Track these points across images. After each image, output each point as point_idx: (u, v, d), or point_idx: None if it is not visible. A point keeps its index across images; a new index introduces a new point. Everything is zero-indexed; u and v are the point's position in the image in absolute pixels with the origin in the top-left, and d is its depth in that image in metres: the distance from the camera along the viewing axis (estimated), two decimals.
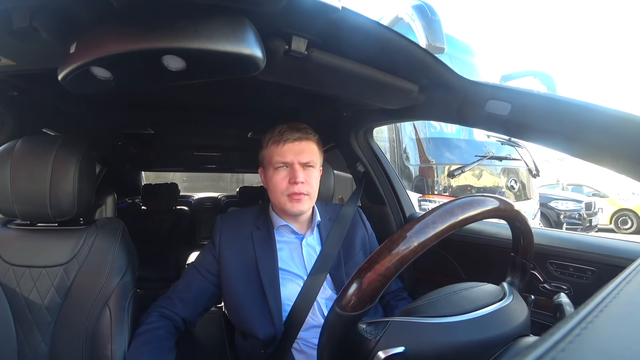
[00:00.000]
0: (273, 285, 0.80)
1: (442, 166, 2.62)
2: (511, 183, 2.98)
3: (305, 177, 0.80)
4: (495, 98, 0.73)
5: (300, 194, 0.79)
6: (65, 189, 0.78)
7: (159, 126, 1.55)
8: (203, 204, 3.22)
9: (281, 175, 0.81)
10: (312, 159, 0.82)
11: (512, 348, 0.43)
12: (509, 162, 2.94)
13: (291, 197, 0.80)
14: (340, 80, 0.77)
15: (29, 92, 0.92)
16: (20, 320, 0.78)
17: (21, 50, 0.61)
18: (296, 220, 0.88)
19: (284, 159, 0.80)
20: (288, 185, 0.80)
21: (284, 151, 0.80)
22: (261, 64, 0.54)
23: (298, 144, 0.81)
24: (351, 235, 0.93)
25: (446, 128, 2.75)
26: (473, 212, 0.44)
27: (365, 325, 0.45)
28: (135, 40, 0.48)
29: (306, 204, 0.81)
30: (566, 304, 0.50)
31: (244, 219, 0.91)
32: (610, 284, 0.26)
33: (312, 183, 0.82)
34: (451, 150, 2.72)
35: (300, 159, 0.80)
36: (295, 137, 0.81)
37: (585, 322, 0.19)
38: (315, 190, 0.84)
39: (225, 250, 0.85)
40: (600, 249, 0.76)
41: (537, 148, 3.34)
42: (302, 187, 0.79)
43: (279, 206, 0.83)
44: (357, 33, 0.60)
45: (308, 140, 0.82)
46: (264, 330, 0.78)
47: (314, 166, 0.83)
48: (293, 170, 0.80)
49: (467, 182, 2.75)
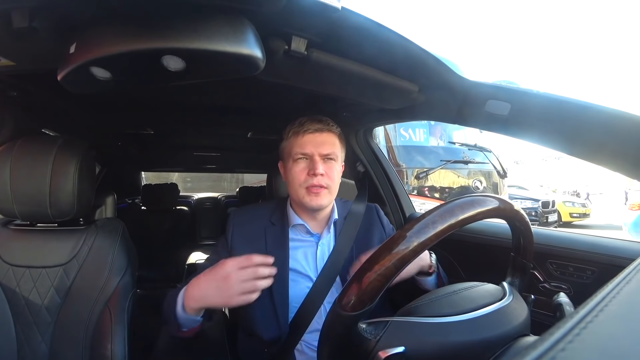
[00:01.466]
0: (281, 286, 0.77)
1: (412, 169, 3.10)
2: (475, 184, 3.37)
3: (325, 170, 0.77)
4: (495, 98, 0.73)
5: (320, 186, 0.76)
6: (65, 190, 0.78)
7: (159, 126, 1.55)
8: (203, 204, 3.22)
9: (300, 167, 0.78)
10: (333, 151, 0.79)
11: (512, 348, 0.43)
12: (484, 165, 3.42)
13: (310, 189, 0.76)
14: (340, 80, 0.76)
15: (29, 92, 0.92)
16: (20, 320, 0.78)
17: (21, 50, 0.61)
18: (314, 218, 0.84)
19: (304, 150, 0.77)
20: (307, 177, 0.77)
21: (304, 142, 0.78)
22: (261, 64, 0.54)
23: (319, 135, 0.78)
24: (369, 235, 0.88)
25: (415, 137, 3.28)
26: (473, 212, 0.44)
27: (365, 325, 0.45)
28: (135, 40, 0.48)
29: (325, 198, 0.78)
30: (566, 304, 0.50)
31: (258, 214, 0.88)
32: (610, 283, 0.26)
33: (332, 176, 0.79)
34: (420, 155, 3.21)
35: (320, 150, 0.77)
36: (316, 128, 0.78)
37: (585, 322, 0.19)
38: (336, 184, 0.80)
39: (237, 245, 0.82)
40: (600, 249, 0.76)
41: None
42: (321, 180, 0.76)
43: (298, 200, 0.80)
44: (356, 33, 0.60)
45: (329, 132, 0.80)
46: (268, 331, 0.76)
47: (335, 159, 0.80)
48: (313, 162, 0.77)
49: (435, 183, 3.23)
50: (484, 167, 3.46)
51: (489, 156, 3.45)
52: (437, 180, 3.25)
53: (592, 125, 0.62)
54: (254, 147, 2.07)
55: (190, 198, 3.30)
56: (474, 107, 0.78)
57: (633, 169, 0.60)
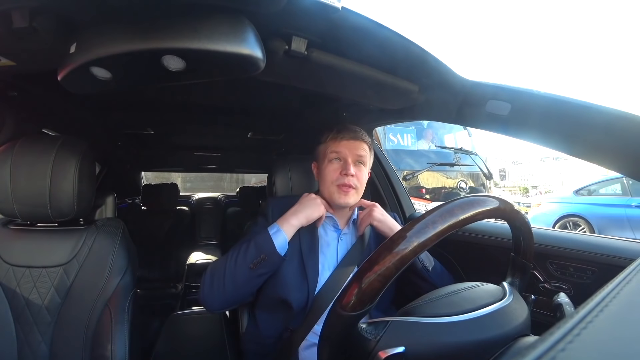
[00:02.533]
0: (313, 267, 0.86)
1: (400, 172, 3.33)
2: (461, 185, 3.69)
3: (355, 172, 0.86)
4: (495, 98, 0.73)
5: (350, 186, 0.85)
6: (65, 190, 0.78)
7: (159, 126, 1.55)
8: (203, 204, 3.22)
9: (334, 167, 0.87)
10: (364, 156, 0.89)
11: (512, 348, 0.43)
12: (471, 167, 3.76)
13: (340, 187, 0.85)
14: (340, 80, 0.77)
15: (29, 93, 0.92)
16: (20, 320, 0.78)
17: (21, 51, 0.61)
18: (339, 214, 0.92)
19: (339, 152, 0.87)
20: (339, 176, 0.86)
21: (340, 146, 0.88)
22: (261, 64, 0.54)
23: (353, 142, 0.88)
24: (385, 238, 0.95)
25: (403, 142, 3.67)
26: (473, 212, 0.44)
27: (366, 325, 0.45)
28: (135, 40, 0.48)
29: (352, 197, 0.86)
30: (566, 304, 0.50)
31: (292, 203, 0.93)
32: (610, 284, 0.26)
33: (361, 179, 0.88)
34: (407, 158, 3.57)
35: (354, 154, 0.87)
36: (352, 136, 0.88)
37: (585, 322, 0.19)
38: (362, 187, 0.89)
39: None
40: (600, 249, 0.75)
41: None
42: (352, 180, 0.85)
43: (328, 196, 0.89)
44: (357, 33, 0.60)
45: (362, 141, 0.89)
46: (299, 295, 0.84)
47: (365, 164, 0.89)
48: (346, 163, 0.86)
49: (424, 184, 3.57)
50: (471, 169, 3.79)
51: (475, 159, 3.80)
52: (427, 181, 3.61)
53: (592, 126, 0.62)
54: (254, 147, 2.07)
55: (191, 198, 3.30)
56: (474, 107, 0.78)
57: (633, 169, 0.60)
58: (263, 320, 0.90)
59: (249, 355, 0.90)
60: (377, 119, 1.14)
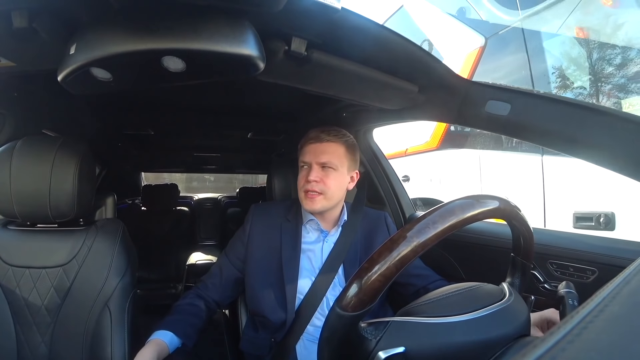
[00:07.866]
0: (291, 277, 0.85)
1: None
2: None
3: (320, 177, 0.83)
4: (495, 98, 0.74)
5: (313, 191, 0.83)
6: (65, 190, 0.78)
7: (159, 127, 1.55)
8: (203, 204, 3.22)
9: (302, 173, 0.87)
10: (330, 160, 0.84)
11: (512, 348, 0.43)
12: None
13: (306, 193, 0.84)
14: (340, 81, 0.77)
15: (29, 93, 0.92)
16: (20, 321, 0.78)
17: (21, 51, 0.61)
18: (322, 218, 0.91)
19: (304, 159, 0.87)
20: (304, 183, 0.84)
21: (305, 152, 0.87)
22: (261, 64, 0.54)
23: (319, 145, 0.85)
24: (372, 237, 0.95)
25: None
26: (473, 212, 0.44)
27: (366, 325, 0.45)
28: (135, 41, 0.48)
29: (319, 203, 0.84)
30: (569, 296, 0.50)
31: (275, 211, 0.95)
32: (610, 284, 0.26)
33: (327, 183, 0.84)
34: None
35: (317, 159, 0.84)
36: (316, 139, 0.85)
37: (585, 322, 0.19)
38: (332, 191, 0.85)
39: (255, 236, 0.91)
40: (600, 249, 0.75)
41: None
42: (315, 186, 0.83)
43: (300, 202, 0.88)
44: (356, 34, 0.60)
45: (329, 142, 0.85)
46: (275, 314, 0.84)
47: (334, 168, 0.85)
48: (309, 169, 0.85)
49: None
50: None
51: None
52: None
53: (592, 126, 0.62)
54: (254, 148, 2.07)
55: (190, 198, 3.30)
56: (474, 108, 0.78)
57: (633, 169, 0.60)
58: (257, 324, 0.91)
59: (249, 355, 0.90)
60: (377, 119, 1.14)
